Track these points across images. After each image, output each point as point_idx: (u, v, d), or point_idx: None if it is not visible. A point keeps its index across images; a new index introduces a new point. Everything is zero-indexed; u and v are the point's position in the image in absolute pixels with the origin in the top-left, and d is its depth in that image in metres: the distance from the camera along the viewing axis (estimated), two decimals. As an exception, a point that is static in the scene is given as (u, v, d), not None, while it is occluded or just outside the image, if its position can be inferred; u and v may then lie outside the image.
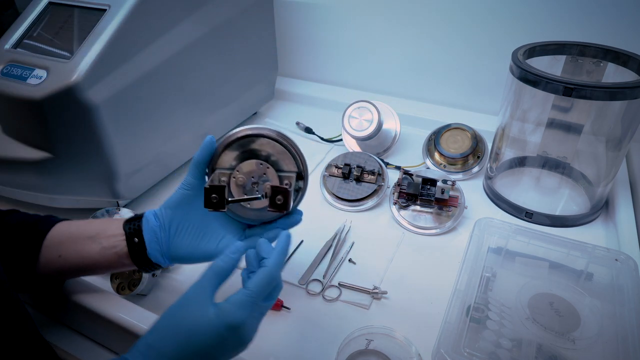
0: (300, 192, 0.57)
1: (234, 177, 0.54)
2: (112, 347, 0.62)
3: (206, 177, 0.56)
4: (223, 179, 0.54)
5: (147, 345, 0.44)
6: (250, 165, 0.54)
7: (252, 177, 0.54)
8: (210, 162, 0.55)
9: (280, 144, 0.54)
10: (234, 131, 0.54)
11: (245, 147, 0.54)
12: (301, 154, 0.55)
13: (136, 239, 0.54)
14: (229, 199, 0.52)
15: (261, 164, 0.54)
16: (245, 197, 0.54)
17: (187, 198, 0.55)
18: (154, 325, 0.45)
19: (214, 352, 0.44)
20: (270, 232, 0.57)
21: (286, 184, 0.54)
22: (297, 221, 0.59)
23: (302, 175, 0.56)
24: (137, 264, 0.55)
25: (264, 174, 0.54)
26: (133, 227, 0.55)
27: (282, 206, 0.51)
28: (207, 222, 0.57)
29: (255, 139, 0.54)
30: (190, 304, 0.45)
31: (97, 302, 0.59)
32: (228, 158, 0.55)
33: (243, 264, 0.51)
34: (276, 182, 0.54)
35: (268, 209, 0.52)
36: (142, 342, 0.44)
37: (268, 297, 0.48)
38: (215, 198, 0.50)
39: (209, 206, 0.51)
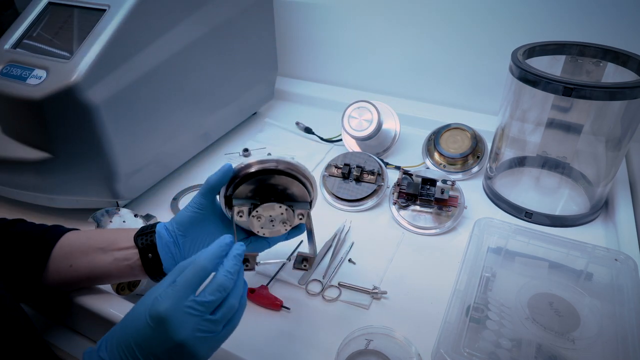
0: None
1: (252, 216, 0.56)
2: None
3: (217, 197, 0.58)
4: (241, 214, 0.56)
5: (111, 332, 0.44)
6: (270, 208, 0.56)
7: (270, 216, 0.56)
8: (226, 188, 0.57)
9: (298, 180, 0.56)
10: (251, 162, 0.55)
11: (263, 182, 0.56)
12: (312, 180, 0.58)
13: (150, 255, 0.55)
14: (258, 262, 0.56)
15: (280, 206, 0.56)
16: (272, 261, 0.59)
17: (199, 217, 0.57)
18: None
19: (150, 349, 0.41)
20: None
21: (300, 218, 0.57)
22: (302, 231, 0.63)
23: (311, 202, 0.59)
24: (151, 277, 0.56)
25: (282, 214, 0.56)
26: (145, 241, 0.55)
27: (306, 268, 0.58)
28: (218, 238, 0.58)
29: (273, 175, 0.55)
30: (146, 295, 0.45)
31: (97, 303, 0.59)
32: (245, 190, 0.56)
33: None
34: (292, 221, 0.57)
35: (293, 268, 0.58)
36: (110, 331, 0.45)
37: (209, 299, 0.43)
38: (247, 265, 0.55)
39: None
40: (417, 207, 0.80)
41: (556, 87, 0.68)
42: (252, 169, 0.55)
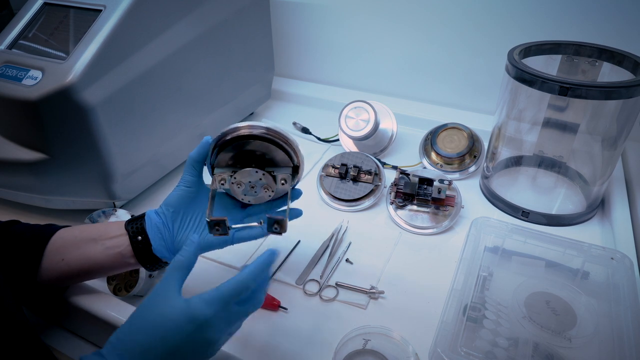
0: (297, 177, 0.59)
1: (232, 183, 0.56)
2: (108, 349, 0.62)
3: (207, 164, 0.58)
4: (223, 182, 0.56)
5: (119, 338, 0.44)
6: (246, 174, 0.55)
7: (250, 182, 0.56)
8: (205, 160, 0.57)
9: (274, 143, 0.55)
10: (228, 129, 0.55)
11: (241, 148, 0.55)
12: (294, 145, 0.56)
13: (139, 237, 0.55)
14: (230, 226, 0.55)
15: (256, 171, 0.55)
16: (246, 224, 0.58)
17: (188, 195, 0.57)
18: (128, 319, 0.45)
19: (179, 348, 0.43)
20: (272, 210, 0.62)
21: (283, 183, 0.56)
22: (297, 196, 0.63)
23: (297, 167, 0.58)
24: (142, 262, 0.56)
25: (260, 179, 0.56)
26: (135, 226, 0.56)
27: (279, 232, 0.56)
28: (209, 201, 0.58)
29: (249, 141, 0.55)
30: (158, 297, 0.45)
31: (93, 304, 0.59)
32: (225, 157, 0.56)
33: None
34: (274, 186, 0.57)
35: (266, 232, 0.57)
36: (115, 336, 0.44)
37: (242, 306, 0.48)
38: (217, 229, 0.54)
39: (214, 233, 0.54)
40: (414, 207, 0.81)
41: (552, 86, 0.68)
42: (228, 137, 0.54)
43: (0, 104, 0.70)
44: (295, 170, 0.58)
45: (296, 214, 0.63)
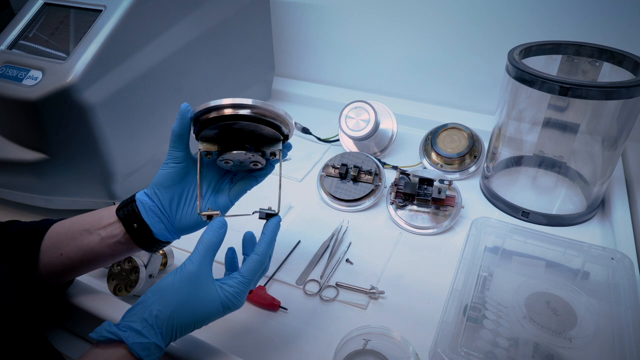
0: (286, 141, 0.58)
1: (221, 160, 0.55)
2: (109, 349, 0.62)
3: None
4: (209, 157, 0.55)
5: (156, 316, 0.46)
6: (238, 155, 0.54)
7: (239, 160, 0.55)
8: (189, 131, 0.55)
9: (261, 122, 0.52)
10: (211, 105, 0.52)
11: (226, 126, 0.53)
12: (282, 117, 0.54)
13: (135, 225, 0.53)
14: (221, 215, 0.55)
15: (245, 153, 0.54)
16: (240, 214, 0.57)
17: (178, 172, 0.55)
18: (160, 295, 0.47)
19: (210, 320, 0.50)
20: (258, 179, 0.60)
21: (272, 157, 0.56)
22: (288, 148, 0.61)
23: (287, 135, 0.56)
24: (142, 247, 0.55)
25: (249, 158, 0.55)
26: (127, 211, 0.54)
27: (273, 211, 0.56)
28: (198, 187, 0.57)
29: (235, 121, 0.52)
30: (197, 282, 0.48)
31: (93, 304, 0.59)
32: (210, 132, 0.54)
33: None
34: (263, 161, 0.56)
35: (259, 218, 0.56)
36: (148, 312, 0.46)
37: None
38: (211, 219, 0.54)
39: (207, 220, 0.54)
40: (415, 207, 0.81)
41: (552, 86, 0.68)
42: (211, 115, 0.52)
43: (0, 104, 0.70)
44: (286, 138, 0.56)
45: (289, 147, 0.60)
